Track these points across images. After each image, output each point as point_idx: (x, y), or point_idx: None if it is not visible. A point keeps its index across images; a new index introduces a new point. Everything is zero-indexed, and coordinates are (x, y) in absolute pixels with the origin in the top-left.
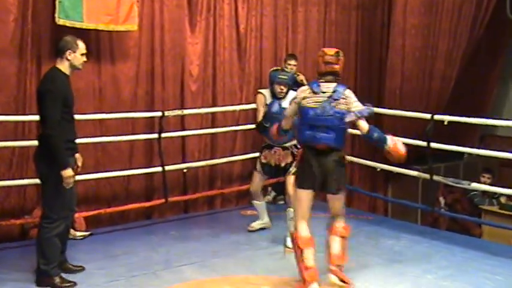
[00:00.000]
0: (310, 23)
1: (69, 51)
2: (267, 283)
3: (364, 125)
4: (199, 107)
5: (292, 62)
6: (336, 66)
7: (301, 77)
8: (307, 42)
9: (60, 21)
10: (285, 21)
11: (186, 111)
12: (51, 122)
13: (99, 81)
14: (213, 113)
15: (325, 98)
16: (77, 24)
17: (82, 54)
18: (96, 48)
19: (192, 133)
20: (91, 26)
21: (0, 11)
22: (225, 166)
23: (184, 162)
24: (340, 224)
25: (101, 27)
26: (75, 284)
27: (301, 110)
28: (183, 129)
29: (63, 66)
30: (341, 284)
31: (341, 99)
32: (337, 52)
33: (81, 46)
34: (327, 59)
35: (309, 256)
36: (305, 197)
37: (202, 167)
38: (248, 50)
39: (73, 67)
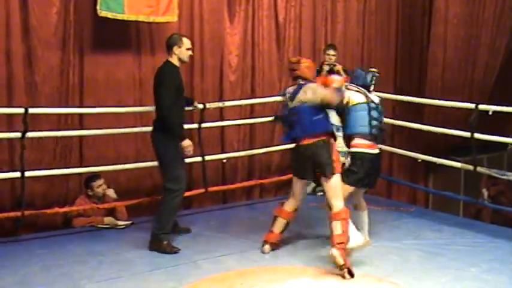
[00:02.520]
0: (349, 12)
1: (176, 46)
2: (306, 274)
3: None
4: (238, 98)
5: (332, 52)
6: (297, 72)
7: (338, 68)
8: (346, 33)
9: (102, 13)
10: (324, 11)
11: (225, 103)
12: (166, 106)
13: (140, 72)
14: (251, 104)
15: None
16: (118, 16)
17: (187, 49)
18: (137, 39)
19: (231, 123)
20: (132, 17)
21: (43, 4)
22: (263, 157)
23: (223, 152)
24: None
25: (141, 18)
26: (179, 249)
27: None
28: (222, 120)
29: (173, 60)
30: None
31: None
32: (299, 59)
33: (186, 42)
34: (289, 66)
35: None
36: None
37: (241, 157)
38: (287, 40)
39: (181, 60)
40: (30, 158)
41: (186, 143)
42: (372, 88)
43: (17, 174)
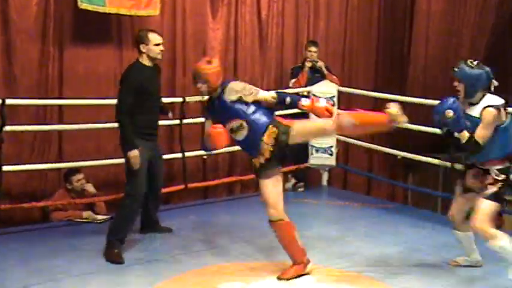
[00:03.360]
0: (332, 9)
1: (143, 44)
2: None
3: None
4: None
5: (313, 48)
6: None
7: (320, 64)
8: (328, 29)
9: (83, 6)
10: (306, 7)
11: (206, 98)
12: (120, 110)
13: (121, 66)
14: None
15: None
16: (99, 9)
17: (156, 45)
18: (118, 33)
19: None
20: (113, 10)
21: None
22: (244, 153)
23: None
24: None
25: (122, 11)
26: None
27: None
28: (203, 117)
29: (143, 59)
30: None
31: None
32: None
33: (153, 37)
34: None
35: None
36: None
37: (222, 153)
38: (269, 36)
39: (151, 58)
40: (8, 151)
41: (132, 153)
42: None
43: None
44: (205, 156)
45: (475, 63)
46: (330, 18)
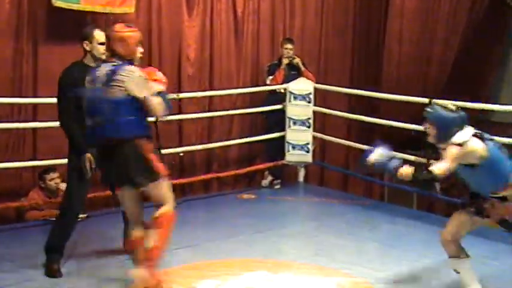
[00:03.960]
0: (307, 7)
1: (86, 42)
2: (264, 266)
3: None
4: (196, 91)
5: (289, 46)
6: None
7: (296, 60)
8: (304, 27)
9: (57, 3)
10: (282, 5)
11: (182, 95)
12: (59, 110)
13: None
14: (209, 97)
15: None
16: (74, 6)
17: (100, 44)
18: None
19: (188, 117)
20: (88, 8)
21: None
22: (221, 150)
23: (181, 145)
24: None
25: (97, 9)
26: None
27: None
28: (180, 113)
29: (85, 57)
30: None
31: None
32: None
33: (98, 35)
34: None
35: None
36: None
37: (199, 150)
38: (245, 33)
39: (94, 57)
40: None
41: (84, 158)
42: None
43: None
44: (181, 154)
45: (452, 106)
46: (306, 15)
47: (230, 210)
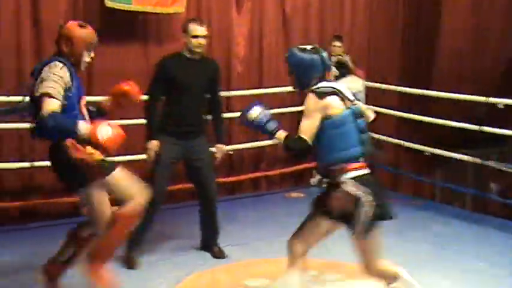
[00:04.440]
0: (357, 2)
1: (183, 34)
2: (312, 266)
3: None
4: (245, 89)
5: (337, 43)
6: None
7: (345, 58)
8: (353, 23)
9: (109, 4)
10: (331, 1)
11: (232, 93)
12: (147, 98)
13: (147, 63)
14: (259, 95)
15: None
16: (125, 7)
17: (192, 37)
18: (144, 30)
19: (237, 115)
20: (139, 8)
21: None
22: (270, 148)
23: (229, 144)
24: None
25: (148, 9)
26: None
27: None
28: (229, 111)
29: (184, 48)
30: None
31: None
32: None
33: (191, 29)
34: None
35: None
36: None
37: (247, 149)
38: (294, 31)
39: (189, 49)
40: (40, 148)
41: (149, 144)
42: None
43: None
44: (231, 152)
45: (309, 47)
46: (355, 12)
47: (279, 209)
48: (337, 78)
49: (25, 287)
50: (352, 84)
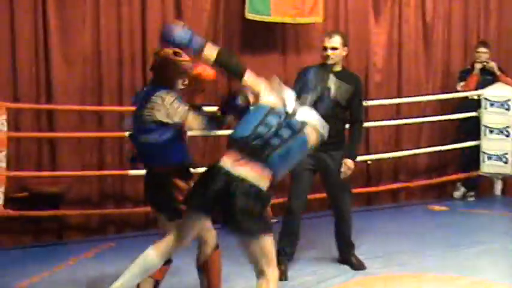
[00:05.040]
0: (504, 6)
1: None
2: (459, 284)
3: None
4: (383, 98)
5: (483, 49)
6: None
7: (491, 64)
8: (501, 28)
9: (249, 16)
10: (476, 6)
11: (369, 103)
12: None
13: (285, 73)
14: (397, 104)
15: None
16: (265, 18)
17: (323, 49)
18: (282, 40)
19: (375, 124)
20: (278, 19)
21: (196, 9)
22: (410, 159)
23: (368, 153)
24: None
25: (287, 20)
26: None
27: None
28: (367, 121)
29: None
30: None
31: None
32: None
33: (322, 40)
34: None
35: None
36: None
37: (386, 159)
38: (435, 39)
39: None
40: None
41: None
42: None
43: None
44: (369, 162)
45: None
46: (502, 16)
47: (420, 222)
48: (482, 85)
49: None
50: (500, 92)
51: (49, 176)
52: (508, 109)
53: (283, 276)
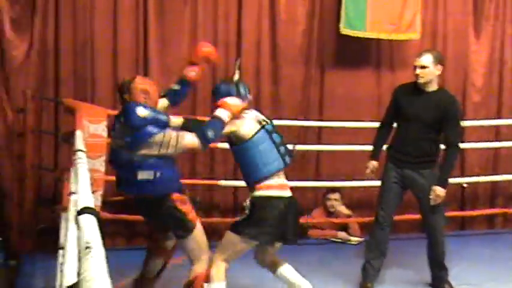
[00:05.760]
0: None
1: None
2: None
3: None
4: (481, 119)
5: None
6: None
7: None
8: None
9: (344, 31)
10: None
11: (467, 123)
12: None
13: (378, 89)
14: (496, 126)
15: None
16: (360, 34)
17: (413, 67)
18: (377, 56)
19: (472, 146)
20: (373, 35)
21: (291, 23)
22: (508, 183)
23: (463, 176)
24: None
25: (382, 36)
26: None
27: None
28: (462, 142)
29: None
30: None
31: None
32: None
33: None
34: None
35: None
36: None
37: (483, 182)
38: None
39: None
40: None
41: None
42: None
43: None
44: (465, 185)
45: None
46: None
47: None
48: None
49: None
50: None
51: None
52: None
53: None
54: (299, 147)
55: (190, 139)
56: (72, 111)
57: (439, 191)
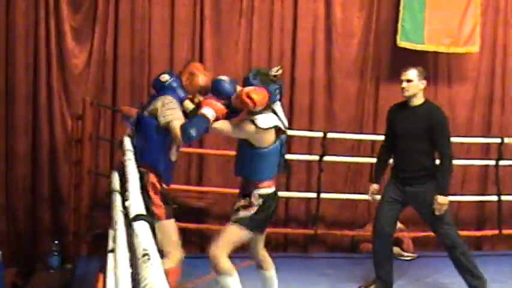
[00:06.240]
0: None
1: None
2: None
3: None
4: None
5: None
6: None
7: None
8: None
9: (401, 44)
10: None
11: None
12: None
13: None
14: None
15: None
16: (418, 47)
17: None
18: (434, 70)
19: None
20: (431, 48)
21: (346, 35)
22: None
23: (482, 195)
24: None
25: (441, 49)
26: None
27: None
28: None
29: None
30: None
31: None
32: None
33: None
34: None
35: None
36: None
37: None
38: None
39: None
40: (325, 180)
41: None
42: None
43: (313, 195)
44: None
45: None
46: None
47: None
48: None
49: None
50: None
51: (196, 190)
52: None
53: None
54: (352, 159)
55: (176, 128)
56: (129, 119)
57: (441, 199)
